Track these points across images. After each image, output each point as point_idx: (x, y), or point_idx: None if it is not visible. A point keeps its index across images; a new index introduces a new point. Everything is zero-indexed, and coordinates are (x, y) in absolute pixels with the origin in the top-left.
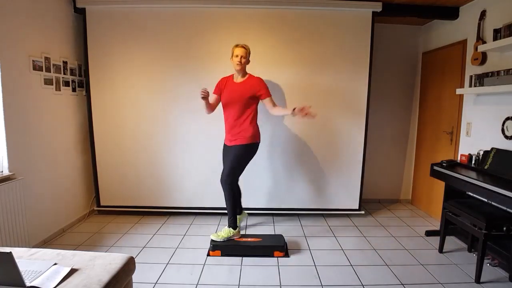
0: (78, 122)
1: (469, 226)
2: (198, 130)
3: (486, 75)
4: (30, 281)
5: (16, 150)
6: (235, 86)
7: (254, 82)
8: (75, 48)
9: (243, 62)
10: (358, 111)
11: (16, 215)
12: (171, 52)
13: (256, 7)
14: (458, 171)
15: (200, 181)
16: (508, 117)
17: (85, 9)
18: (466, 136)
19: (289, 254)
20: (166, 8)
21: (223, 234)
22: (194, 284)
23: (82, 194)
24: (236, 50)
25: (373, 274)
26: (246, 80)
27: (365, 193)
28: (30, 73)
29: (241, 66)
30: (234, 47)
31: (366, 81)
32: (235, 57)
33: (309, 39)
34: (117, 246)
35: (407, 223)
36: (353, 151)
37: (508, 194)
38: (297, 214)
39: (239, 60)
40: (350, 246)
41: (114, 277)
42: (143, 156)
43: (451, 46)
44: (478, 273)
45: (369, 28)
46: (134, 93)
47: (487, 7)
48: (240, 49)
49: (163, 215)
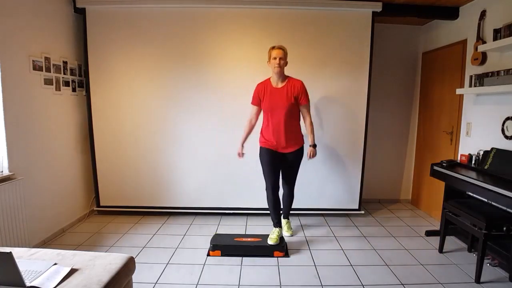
0: (78, 122)
1: (469, 226)
2: (198, 129)
3: (486, 75)
4: (30, 281)
5: (16, 150)
6: (277, 92)
7: (296, 84)
8: (75, 48)
9: (281, 64)
10: (358, 111)
11: (16, 215)
12: (171, 52)
13: (256, 7)
14: (458, 171)
15: (200, 181)
16: (508, 117)
17: (85, 9)
18: (466, 136)
19: (289, 254)
20: (166, 8)
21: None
22: (194, 284)
23: (82, 194)
24: (273, 52)
25: (373, 274)
26: (288, 83)
27: (365, 193)
28: (30, 73)
29: (280, 69)
30: (271, 49)
31: (366, 81)
32: (273, 60)
33: (309, 39)
34: (117, 246)
35: (407, 223)
36: (353, 151)
37: (508, 194)
38: (297, 214)
39: (278, 62)
40: (350, 246)
41: (114, 277)
42: (143, 156)
43: (451, 46)
44: (478, 273)
45: (369, 28)
46: (134, 93)
47: (487, 7)
48: (277, 50)
49: (163, 215)
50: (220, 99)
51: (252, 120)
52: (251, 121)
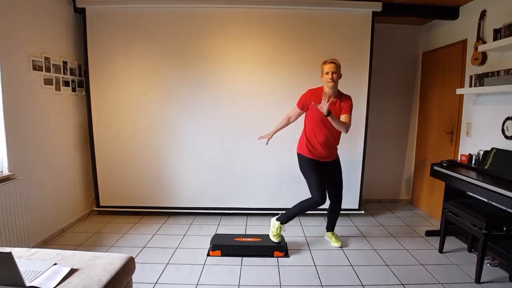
0: (78, 122)
1: (469, 226)
2: (198, 129)
3: (486, 75)
4: (30, 281)
5: (16, 150)
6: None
7: (348, 101)
8: (75, 48)
9: (335, 78)
10: (358, 111)
11: (16, 215)
12: (171, 52)
13: (256, 7)
14: (458, 171)
15: (200, 181)
16: (508, 117)
17: (85, 9)
18: (466, 136)
19: (289, 254)
20: (166, 8)
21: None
22: (194, 284)
23: (82, 194)
24: (325, 67)
25: (373, 274)
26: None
27: (365, 193)
28: (30, 73)
29: (334, 83)
30: (323, 64)
31: (366, 81)
32: (326, 75)
33: (309, 39)
34: (117, 246)
35: (407, 223)
36: (353, 151)
37: (508, 194)
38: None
39: (331, 77)
40: (350, 246)
41: (114, 277)
42: (143, 156)
43: (451, 46)
44: (478, 273)
45: (369, 28)
46: (134, 93)
47: (487, 7)
48: (330, 65)
49: (163, 215)
50: (220, 99)
51: (291, 119)
52: (289, 119)
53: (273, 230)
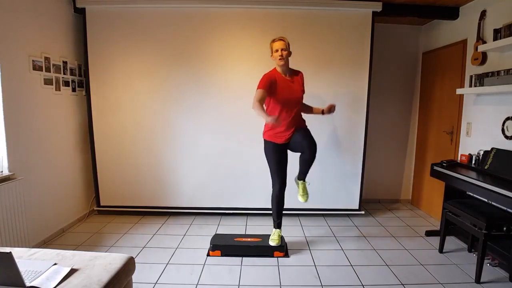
0: (78, 122)
1: (469, 226)
2: (198, 129)
3: (486, 75)
4: (30, 281)
5: (16, 150)
6: (290, 83)
7: (301, 75)
8: (75, 48)
9: (285, 55)
10: (358, 111)
11: (16, 215)
12: (171, 52)
13: (256, 7)
14: (458, 171)
15: (200, 181)
16: (508, 117)
17: (85, 9)
18: (466, 136)
19: (289, 254)
20: (166, 8)
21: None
22: (194, 284)
23: (82, 194)
24: (274, 45)
25: (373, 274)
26: (295, 74)
27: (365, 193)
28: (30, 73)
29: (284, 61)
30: (271, 42)
31: (366, 81)
32: (275, 53)
33: (309, 39)
34: (117, 246)
35: (407, 223)
36: (353, 151)
37: (508, 194)
38: (297, 214)
39: (280, 54)
40: (350, 246)
41: (114, 277)
42: (143, 156)
43: (451, 46)
44: (478, 273)
45: (369, 28)
46: (134, 93)
47: (487, 7)
48: (278, 42)
49: (163, 215)
50: (220, 99)
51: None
52: (262, 105)
53: (274, 237)
